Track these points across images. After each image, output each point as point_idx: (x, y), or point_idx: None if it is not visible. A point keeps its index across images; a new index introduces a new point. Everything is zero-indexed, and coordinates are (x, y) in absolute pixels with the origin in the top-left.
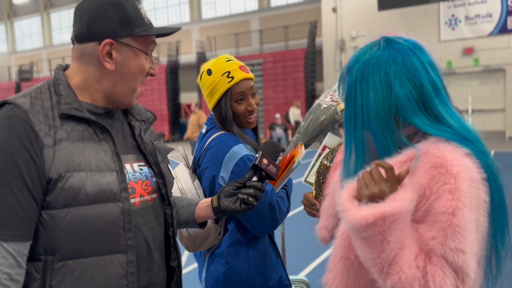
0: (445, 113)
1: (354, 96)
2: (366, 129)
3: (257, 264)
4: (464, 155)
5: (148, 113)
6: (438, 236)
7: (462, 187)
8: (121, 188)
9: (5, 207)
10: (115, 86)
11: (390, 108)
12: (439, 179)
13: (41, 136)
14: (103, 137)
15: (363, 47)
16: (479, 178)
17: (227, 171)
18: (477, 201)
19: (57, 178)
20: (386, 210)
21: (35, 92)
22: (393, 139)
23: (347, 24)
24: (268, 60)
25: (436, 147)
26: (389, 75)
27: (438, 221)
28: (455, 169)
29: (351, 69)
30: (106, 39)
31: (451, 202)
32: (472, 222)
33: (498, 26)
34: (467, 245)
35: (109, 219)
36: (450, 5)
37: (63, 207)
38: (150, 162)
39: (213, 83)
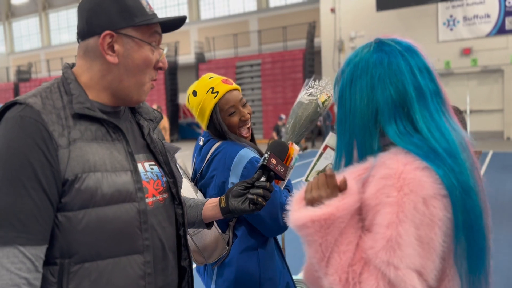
0: (423, 120)
1: (345, 99)
2: (351, 133)
3: (267, 268)
4: (418, 168)
5: (156, 112)
6: (374, 246)
7: (402, 201)
8: (136, 188)
9: (21, 209)
10: (121, 81)
11: (372, 112)
12: (383, 191)
13: (55, 137)
14: (116, 137)
15: (356, 50)
16: (432, 193)
17: (236, 175)
18: (425, 217)
19: (73, 179)
20: (315, 214)
21: (45, 91)
22: (371, 145)
23: (345, 24)
24: (267, 61)
25: (394, 157)
26: (374, 79)
27: (376, 233)
28: (401, 182)
29: (344, 72)
30: (105, 31)
31: (388, 215)
32: (411, 238)
33: (496, 27)
34: (401, 260)
35: (126, 220)
36: (449, 5)
37: (79, 209)
38: (160, 161)
39: (200, 102)
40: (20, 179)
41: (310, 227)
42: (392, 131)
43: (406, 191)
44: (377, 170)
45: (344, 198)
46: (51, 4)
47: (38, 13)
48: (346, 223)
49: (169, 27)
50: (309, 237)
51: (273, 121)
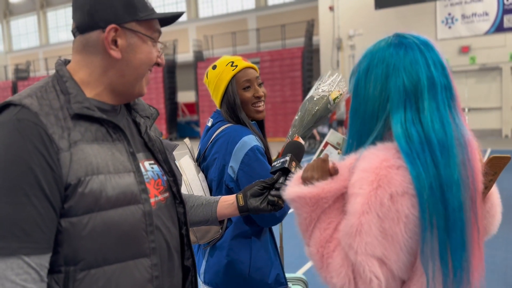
0: (429, 109)
1: (360, 88)
2: (362, 120)
3: (259, 258)
4: (393, 166)
5: (152, 108)
6: (342, 230)
7: (370, 195)
8: (140, 189)
9: (24, 218)
10: (123, 75)
11: (383, 100)
12: (358, 182)
13: (56, 140)
14: (116, 137)
15: (375, 43)
16: (400, 191)
17: (236, 160)
18: (390, 212)
19: (76, 183)
20: (302, 192)
21: (40, 91)
22: (375, 132)
23: (344, 22)
24: (266, 59)
25: (376, 153)
26: (389, 67)
27: (346, 218)
28: (373, 177)
29: (361, 64)
30: (109, 25)
31: (355, 205)
32: (373, 228)
33: (494, 25)
34: (361, 246)
35: (132, 223)
36: (447, 3)
37: (84, 213)
38: (159, 159)
39: (219, 74)
40: (21, 186)
41: (297, 202)
42: (397, 118)
43: (375, 185)
44: (360, 162)
45: (331, 183)
46: (49, 3)
47: (36, 11)
48: (329, 204)
49: (165, 22)
50: (296, 210)
51: (271, 119)
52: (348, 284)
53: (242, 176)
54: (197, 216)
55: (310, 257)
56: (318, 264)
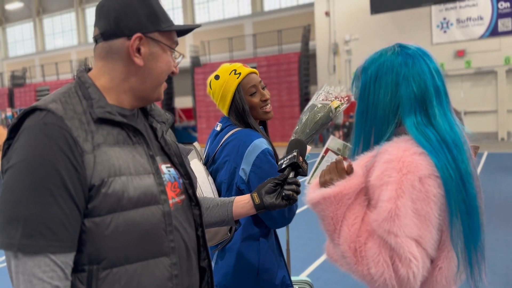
0: (439, 114)
1: (368, 93)
2: (372, 123)
3: (267, 259)
4: (415, 153)
5: (167, 114)
6: (377, 219)
7: (401, 180)
8: (159, 191)
9: (50, 217)
10: (144, 82)
11: (394, 105)
12: (386, 172)
13: (80, 142)
14: (136, 140)
15: (378, 51)
16: (427, 173)
17: (248, 163)
18: (421, 193)
19: (100, 184)
20: (327, 192)
21: (63, 96)
22: (386, 133)
23: (340, 28)
24: (262, 64)
25: (395, 145)
26: (399, 76)
27: (379, 207)
28: (400, 164)
29: (367, 69)
30: (135, 33)
31: (389, 192)
32: (408, 210)
33: (489, 29)
34: (400, 229)
35: (153, 222)
36: (442, 8)
37: (107, 213)
38: (175, 163)
39: (224, 84)
40: (48, 187)
41: (322, 204)
42: (410, 122)
43: (405, 171)
44: (381, 156)
45: (350, 179)
46: (46, 9)
47: (32, 18)
48: (352, 200)
49: (179, 33)
50: (322, 212)
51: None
52: (387, 270)
53: (253, 178)
54: (213, 217)
55: (344, 254)
56: (352, 259)
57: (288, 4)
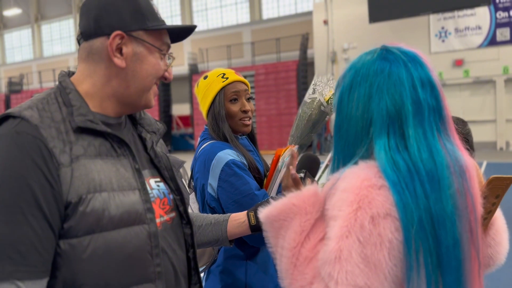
0: (415, 137)
1: (343, 106)
2: (345, 140)
3: (256, 280)
4: (374, 186)
5: (158, 123)
6: (322, 258)
7: (349, 217)
8: (145, 208)
9: (19, 239)
10: (127, 87)
11: (366, 122)
12: (338, 204)
13: (56, 154)
14: (121, 152)
15: (360, 55)
16: (383, 213)
17: (214, 178)
18: (372, 236)
19: (77, 201)
20: (264, 212)
21: (41, 103)
22: (358, 154)
23: (338, 36)
24: (260, 72)
25: (356, 172)
26: (372, 87)
27: (325, 244)
28: (353, 197)
29: (345, 77)
30: (115, 31)
31: (335, 229)
32: (354, 255)
33: (487, 38)
34: (341, 276)
35: (136, 245)
36: (440, 17)
37: (85, 234)
38: (166, 177)
39: (208, 85)
40: (18, 205)
41: (263, 225)
42: (380, 144)
43: (355, 206)
44: (340, 183)
45: (281, 200)
46: (44, 16)
47: (31, 24)
48: (287, 225)
49: (175, 37)
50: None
51: (266, 132)
52: None
53: (222, 193)
54: (206, 236)
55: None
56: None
57: (286, 13)
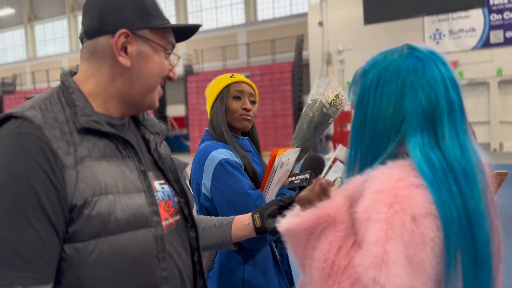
0: (449, 135)
1: (367, 102)
2: (370, 139)
3: (256, 285)
4: (412, 185)
5: (162, 125)
6: (362, 264)
7: (392, 219)
8: (151, 211)
9: (23, 244)
10: (132, 87)
11: (397, 120)
12: (374, 206)
13: (61, 156)
14: (126, 153)
15: (382, 52)
16: (423, 212)
17: (208, 177)
18: (414, 236)
19: (83, 204)
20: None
21: (44, 103)
22: (386, 153)
23: (333, 38)
24: (256, 73)
25: (388, 173)
26: (405, 85)
27: (365, 249)
28: (392, 198)
29: (367, 73)
30: (120, 29)
31: (376, 232)
32: (399, 257)
33: (481, 41)
34: (388, 279)
35: (143, 248)
36: (434, 19)
37: (90, 238)
38: (170, 179)
39: (216, 82)
40: (21, 208)
41: (285, 236)
42: (415, 142)
43: (397, 208)
44: (371, 184)
45: (314, 210)
46: (37, 16)
47: (24, 24)
48: (318, 236)
49: (178, 37)
50: (287, 245)
51: (262, 133)
52: None
53: (215, 193)
54: (210, 239)
55: None
56: None
57: (281, 14)
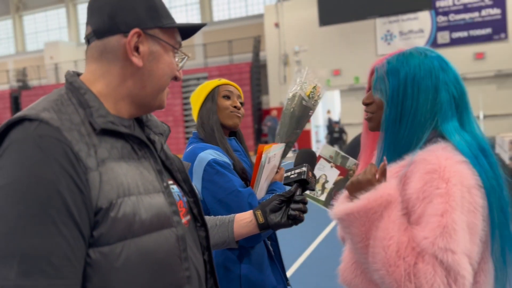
0: (472, 121)
1: (403, 98)
2: (408, 129)
3: (253, 280)
4: (458, 162)
5: (164, 125)
6: (429, 236)
7: (452, 191)
8: (172, 211)
9: (52, 250)
10: (144, 87)
11: (433, 111)
12: (432, 184)
13: (83, 158)
14: (142, 154)
15: (404, 53)
16: (473, 184)
17: (198, 179)
18: (470, 204)
19: (108, 206)
20: (349, 207)
21: (56, 104)
22: (422, 140)
23: (289, 39)
24: (214, 74)
25: (434, 154)
26: (438, 81)
27: (430, 222)
28: (447, 174)
29: (398, 71)
30: (133, 29)
31: (441, 205)
32: (463, 224)
33: (429, 41)
34: (457, 245)
35: (167, 249)
36: (385, 21)
37: (117, 241)
38: (178, 179)
39: (203, 86)
40: (48, 213)
41: (346, 220)
42: (451, 127)
43: (454, 182)
44: (419, 166)
45: (376, 191)
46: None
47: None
48: (380, 215)
49: (182, 35)
50: (347, 230)
51: None
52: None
53: (206, 194)
54: (213, 239)
55: (383, 280)
56: (394, 284)
57: (237, 15)
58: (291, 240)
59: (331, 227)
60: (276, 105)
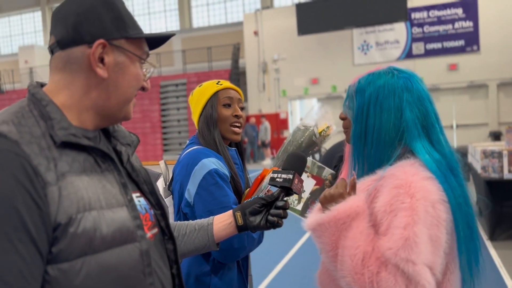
0: (442, 139)
1: (366, 116)
2: (374, 146)
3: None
4: (424, 178)
5: (132, 135)
6: (392, 247)
7: (415, 206)
8: (135, 225)
9: (7, 268)
10: (109, 98)
11: (398, 130)
12: (398, 198)
13: (42, 172)
14: (105, 167)
15: (374, 73)
16: (438, 199)
17: (194, 184)
18: (433, 218)
19: (67, 222)
20: (321, 217)
21: (16, 117)
22: (390, 157)
23: (268, 47)
24: (193, 80)
25: (402, 170)
26: (402, 101)
27: (394, 234)
28: (412, 190)
29: (364, 91)
30: (97, 40)
31: (404, 218)
32: (424, 237)
33: (404, 52)
34: (418, 256)
35: (130, 264)
36: (362, 31)
37: (76, 257)
38: (145, 191)
39: (202, 90)
40: (4, 230)
41: (318, 230)
42: (419, 145)
43: (418, 197)
44: (388, 181)
45: (345, 203)
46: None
47: None
48: (349, 225)
49: (151, 45)
50: (318, 239)
51: None
52: None
53: (198, 201)
54: (193, 244)
55: (350, 286)
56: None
57: (217, 22)
58: (269, 249)
59: (308, 235)
60: (255, 112)
